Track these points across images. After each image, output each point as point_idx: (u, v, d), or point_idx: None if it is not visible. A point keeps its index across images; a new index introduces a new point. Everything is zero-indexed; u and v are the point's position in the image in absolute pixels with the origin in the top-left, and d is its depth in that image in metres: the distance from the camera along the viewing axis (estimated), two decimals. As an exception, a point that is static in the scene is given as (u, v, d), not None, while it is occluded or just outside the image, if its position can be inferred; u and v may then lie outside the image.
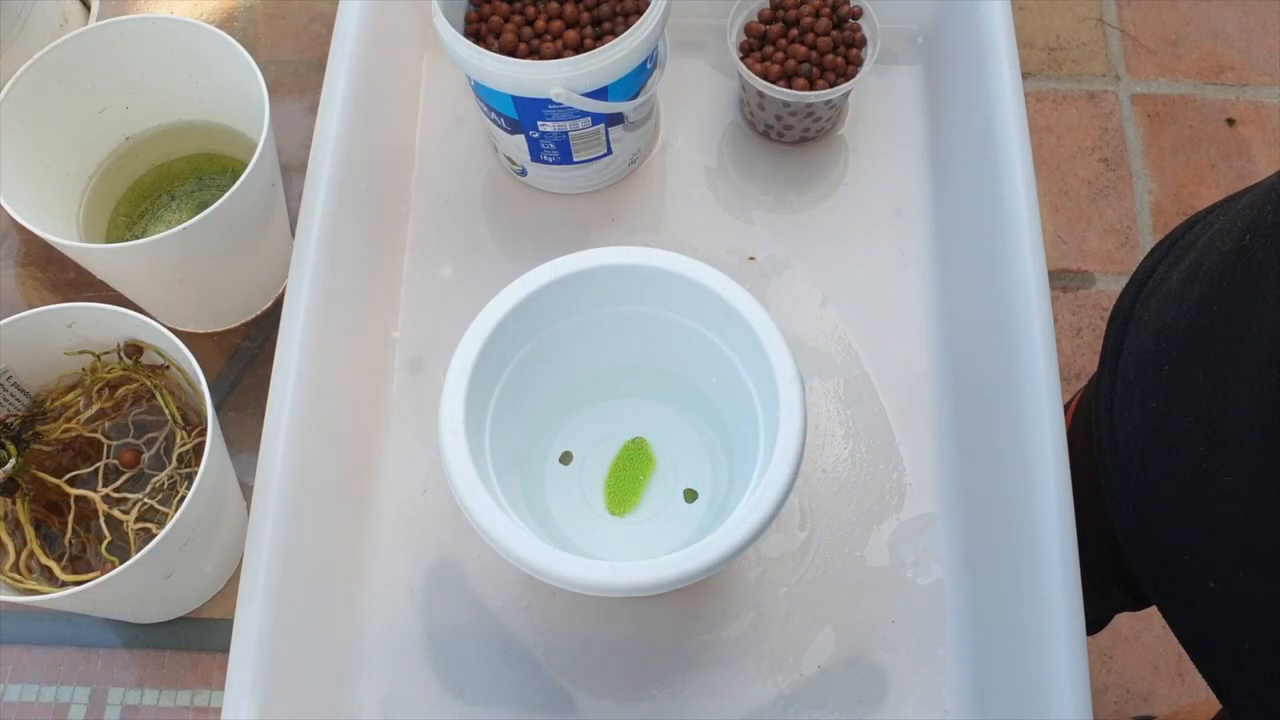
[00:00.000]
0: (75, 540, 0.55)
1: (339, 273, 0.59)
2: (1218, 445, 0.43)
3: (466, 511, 0.47)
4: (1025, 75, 1.40)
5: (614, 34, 0.62)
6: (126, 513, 0.53)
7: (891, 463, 0.61)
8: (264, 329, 0.67)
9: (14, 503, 0.54)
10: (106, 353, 0.56)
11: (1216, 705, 0.50)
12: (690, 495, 0.58)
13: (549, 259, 0.53)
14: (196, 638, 0.59)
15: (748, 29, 0.67)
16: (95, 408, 0.56)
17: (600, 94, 0.59)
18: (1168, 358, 0.47)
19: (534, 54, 0.62)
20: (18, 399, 0.56)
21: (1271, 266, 0.41)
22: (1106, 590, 0.68)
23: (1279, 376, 0.39)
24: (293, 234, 0.59)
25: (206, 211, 0.54)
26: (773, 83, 0.64)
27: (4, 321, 0.52)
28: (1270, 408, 0.40)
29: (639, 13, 0.63)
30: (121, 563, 0.47)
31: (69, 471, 0.55)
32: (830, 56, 0.65)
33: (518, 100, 0.59)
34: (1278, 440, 0.40)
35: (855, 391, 0.62)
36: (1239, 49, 1.46)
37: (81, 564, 0.56)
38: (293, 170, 0.69)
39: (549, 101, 0.58)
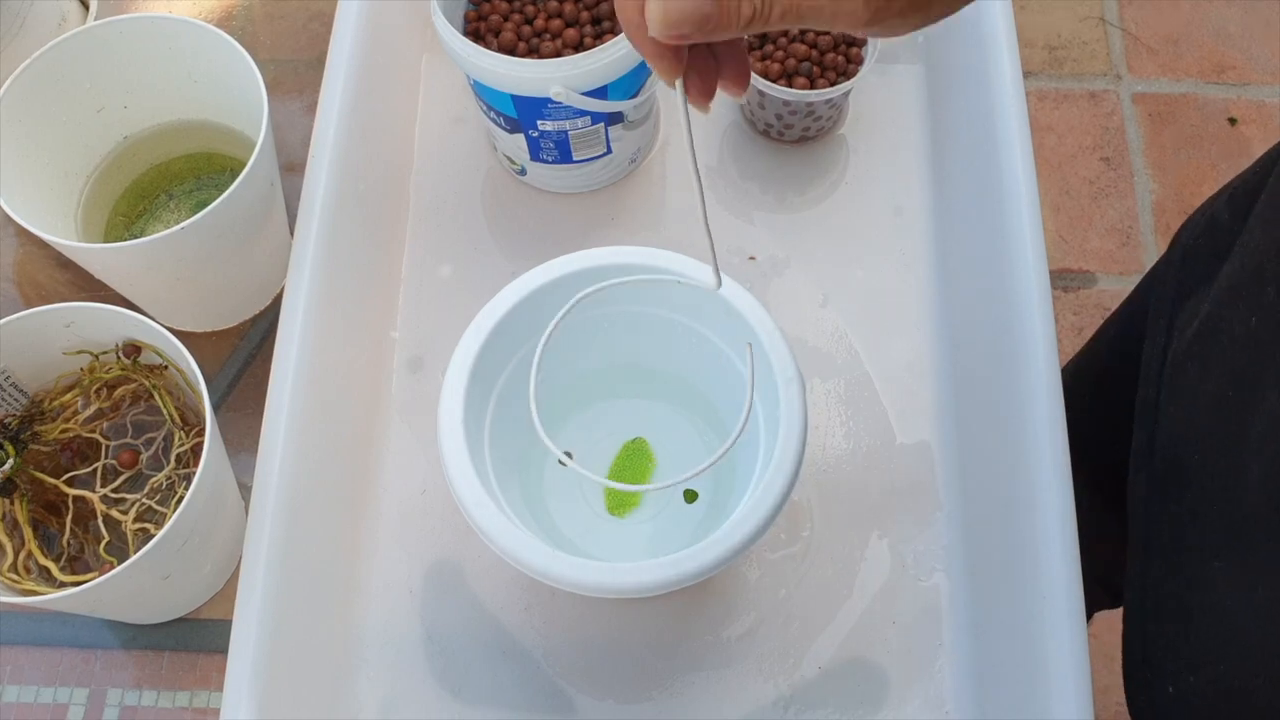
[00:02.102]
0: (73, 541, 0.55)
1: (338, 272, 0.59)
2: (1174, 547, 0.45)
3: (465, 513, 0.47)
4: (1026, 74, 1.40)
5: (613, 33, 0.62)
6: (125, 513, 0.53)
7: (891, 463, 0.60)
8: (262, 328, 0.67)
9: (12, 503, 0.54)
10: (105, 353, 0.56)
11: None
12: (690, 495, 0.58)
13: (549, 259, 0.52)
14: (195, 638, 0.59)
15: (748, 28, 0.67)
16: (93, 408, 0.56)
17: (599, 93, 0.58)
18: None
19: (533, 53, 0.62)
20: (16, 399, 0.56)
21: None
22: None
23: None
24: (291, 233, 0.59)
25: (205, 211, 0.54)
26: (773, 81, 0.64)
27: (2, 321, 0.52)
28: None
29: (639, 11, 0.62)
30: (120, 563, 0.47)
31: (67, 472, 0.55)
32: (830, 55, 0.64)
33: (517, 99, 0.59)
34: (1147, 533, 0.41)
35: (855, 391, 0.62)
36: (1240, 48, 1.45)
37: (80, 564, 0.56)
38: (292, 169, 0.69)
39: (548, 100, 0.58)
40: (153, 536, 0.48)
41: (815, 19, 0.31)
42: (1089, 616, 0.85)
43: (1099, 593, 0.71)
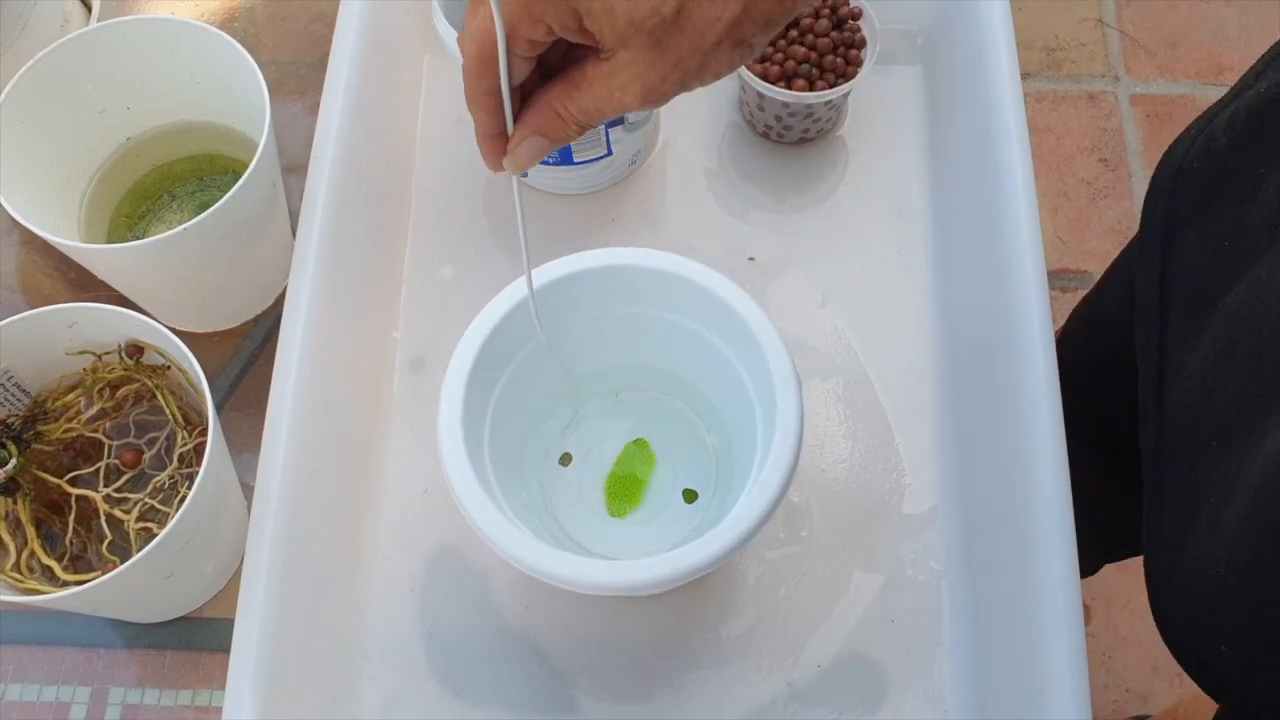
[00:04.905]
0: (76, 540, 0.55)
1: (340, 273, 0.59)
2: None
3: (464, 513, 0.47)
4: (1024, 75, 1.40)
5: (614, 35, 0.62)
6: (127, 512, 0.53)
7: (891, 463, 0.61)
8: (265, 329, 0.67)
9: (15, 502, 0.54)
10: (108, 353, 0.56)
11: (1210, 703, 0.49)
12: (690, 495, 0.58)
13: (549, 259, 0.53)
14: (198, 637, 0.59)
15: (747, 30, 0.67)
16: (96, 408, 0.56)
17: (600, 94, 0.59)
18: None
19: (534, 55, 0.62)
20: (18, 399, 0.56)
21: None
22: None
23: None
24: (293, 234, 0.59)
25: (208, 212, 0.54)
26: (772, 84, 0.64)
27: (5, 322, 0.52)
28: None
29: (639, 13, 0.63)
30: (122, 562, 0.48)
31: (70, 471, 0.55)
32: (830, 57, 0.65)
33: (518, 101, 0.59)
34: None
35: (855, 391, 0.62)
36: (1238, 49, 1.46)
37: (82, 564, 0.56)
38: (293, 171, 0.69)
39: (549, 102, 0.58)
40: (155, 536, 0.48)
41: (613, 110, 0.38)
42: (1095, 570, 0.88)
43: (1099, 553, 0.71)
